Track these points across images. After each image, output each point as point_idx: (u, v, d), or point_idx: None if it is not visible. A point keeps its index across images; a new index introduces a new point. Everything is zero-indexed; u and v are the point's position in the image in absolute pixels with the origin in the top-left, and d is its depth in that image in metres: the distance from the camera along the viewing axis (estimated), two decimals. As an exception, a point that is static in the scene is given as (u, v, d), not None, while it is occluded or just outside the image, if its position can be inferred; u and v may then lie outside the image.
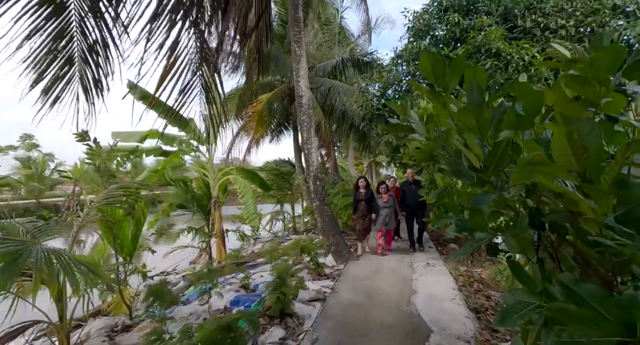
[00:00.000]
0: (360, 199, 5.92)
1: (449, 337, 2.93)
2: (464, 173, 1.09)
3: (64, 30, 2.62)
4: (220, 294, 3.47)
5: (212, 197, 6.37)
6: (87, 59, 2.72)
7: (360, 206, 5.94)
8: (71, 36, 2.63)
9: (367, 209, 5.89)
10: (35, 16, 2.42)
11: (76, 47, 2.73)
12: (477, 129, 0.97)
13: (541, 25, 5.07)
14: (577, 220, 1.07)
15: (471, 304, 3.82)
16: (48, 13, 2.48)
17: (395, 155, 7.90)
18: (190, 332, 2.52)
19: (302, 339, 2.91)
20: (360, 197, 5.93)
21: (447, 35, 6.23)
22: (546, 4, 5.09)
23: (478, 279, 4.88)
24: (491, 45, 4.73)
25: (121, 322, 3.32)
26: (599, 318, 0.87)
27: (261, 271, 5.11)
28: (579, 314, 0.90)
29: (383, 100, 7.76)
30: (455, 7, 6.20)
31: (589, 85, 0.94)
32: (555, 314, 0.97)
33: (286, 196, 9.31)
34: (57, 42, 2.63)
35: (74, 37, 2.71)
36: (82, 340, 2.88)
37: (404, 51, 7.38)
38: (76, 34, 2.70)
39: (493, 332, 3.19)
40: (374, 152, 11.88)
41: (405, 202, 6.15)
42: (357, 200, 5.98)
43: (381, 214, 5.91)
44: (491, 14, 5.83)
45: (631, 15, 4.97)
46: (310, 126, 6.22)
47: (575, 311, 0.91)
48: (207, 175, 6.46)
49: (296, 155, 10.52)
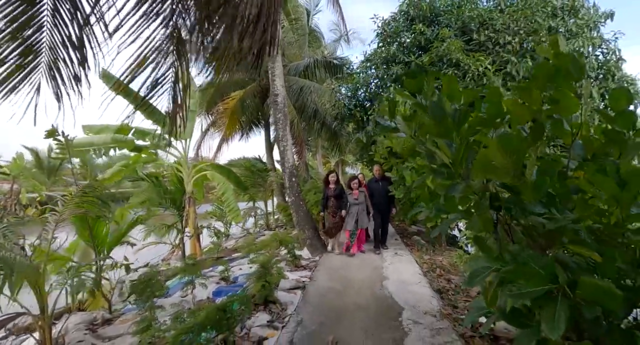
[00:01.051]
0: (330, 195, 5.63)
1: (418, 313, 3.32)
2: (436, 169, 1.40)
3: (33, 18, 2.52)
4: (205, 284, 3.55)
5: (186, 193, 6.28)
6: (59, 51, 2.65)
7: (330, 203, 5.65)
8: (40, 25, 2.55)
9: (337, 205, 5.61)
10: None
11: (45, 37, 2.64)
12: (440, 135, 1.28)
13: (492, 39, 5.77)
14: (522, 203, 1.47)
15: (435, 286, 4.28)
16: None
17: (364, 154, 8.33)
18: (182, 318, 2.63)
19: (288, 320, 3.12)
20: (330, 193, 5.64)
21: (413, 43, 6.77)
22: (496, 21, 5.81)
23: (440, 265, 5.42)
24: (452, 55, 5.31)
25: (100, 316, 3.28)
26: (536, 273, 1.23)
27: (238, 265, 5.20)
28: (523, 272, 1.27)
29: (354, 101, 8.17)
30: (421, 18, 6.77)
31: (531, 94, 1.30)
32: (508, 274, 1.35)
33: (259, 193, 9.38)
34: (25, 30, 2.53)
35: (44, 26, 2.62)
36: (63, 334, 2.82)
37: (373, 55, 7.83)
38: (47, 23, 2.62)
39: (454, 308, 3.65)
40: (343, 150, 12.31)
41: (373, 201, 5.80)
42: (327, 197, 5.68)
43: (351, 212, 5.58)
44: (451, 26, 6.46)
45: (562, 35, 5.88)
46: (286, 124, 6.41)
47: (521, 270, 1.28)
48: (181, 170, 6.35)
49: (267, 153, 10.61)
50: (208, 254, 5.64)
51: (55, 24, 2.53)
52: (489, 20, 5.95)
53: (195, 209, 6.18)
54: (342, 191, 5.69)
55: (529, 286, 1.23)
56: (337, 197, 5.61)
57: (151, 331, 2.54)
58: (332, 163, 23.05)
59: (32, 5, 2.46)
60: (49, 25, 2.49)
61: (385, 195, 5.64)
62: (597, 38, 5.68)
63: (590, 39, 5.42)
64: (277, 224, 10.04)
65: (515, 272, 1.30)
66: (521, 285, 1.27)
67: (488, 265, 1.50)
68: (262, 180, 8.96)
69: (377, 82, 7.71)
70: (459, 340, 2.71)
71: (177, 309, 2.87)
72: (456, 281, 4.72)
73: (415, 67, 5.97)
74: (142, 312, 2.86)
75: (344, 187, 5.90)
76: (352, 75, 8.53)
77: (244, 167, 9.02)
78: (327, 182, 5.75)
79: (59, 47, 2.56)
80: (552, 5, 5.99)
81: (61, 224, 3.10)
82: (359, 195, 5.67)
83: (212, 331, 2.46)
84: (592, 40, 5.42)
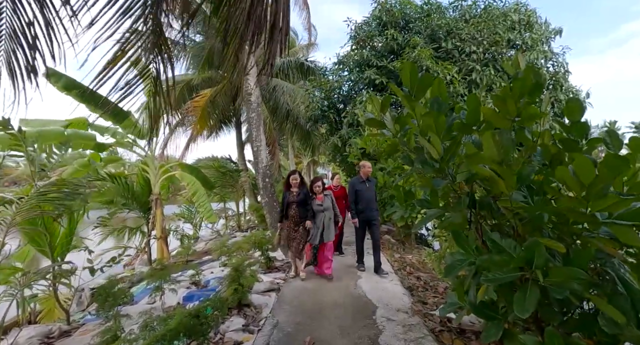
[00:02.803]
0: (292, 202, 4.38)
1: (391, 310, 3.43)
2: (427, 162, 1.48)
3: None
4: (175, 289, 3.39)
5: (152, 193, 5.94)
6: (19, 40, 2.43)
7: (291, 211, 4.37)
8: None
9: (300, 214, 4.36)
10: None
11: (4, 25, 2.42)
12: (435, 129, 1.35)
13: (459, 48, 6.12)
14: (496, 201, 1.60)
15: (406, 283, 4.44)
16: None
17: (338, 155, 8.44)
18: (152, 326, 2.49)
19: (264, 323, 3.08)
20: (290, 199, 4.40)
21: (386, 48, 6.98)
22: (462, 31, 6.17)
23: (410, 263, 5.64)
24: (422, 62, 5.56)
25: (57, 328, 3.01)
26: (510, 259, 1.34)
27: (210, 268, 5.04)
28: (499, 260, 1.38)
29: (327, 103, 8.24)
30: (393, 23, 7.00)
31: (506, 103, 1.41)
32: (483, 263, 1.45)
33: (231, 194, 9.13)
34: None
35: (2, 13, 2.40)
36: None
37: (346, 58, 7.97)
38: (6, 10, 2.40)
39: (424, 304, 3.81)
40: (316, 151, 12.37)
41: (358, 207, 4.59)
42: (287, 203, 4.42)
43: (315, 222, 4.45)
44: (421, 33, 6.75)
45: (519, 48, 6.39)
46: (260, 124, 6.32)
47: (496, 259, 1.39)
48: (148, 170, 5.98)
49: (239, 152, 10.35)
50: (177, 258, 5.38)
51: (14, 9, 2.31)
52: (456, 29, 6.30)
53: (162, 210, 5.88)
54: (307, 196, 4.48)
55: (504, 272, 1.35)
56: (300, 204, 4.37)
57: (118, 342, 2.38)
58: (304, 163, 23.03)
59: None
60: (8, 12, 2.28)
61: (373, 197, 4.67)
62: (548, 51, 6.23)
63: (542, 52, 5.93)
64: (248, 225, 9.85)
65: (491, 260, 1.42)
66: (496, 271, 1.38)
67: (464, 258, 1.62)
68: (234, 181, 8.74)
69: (351, 84, 7.85)
70: (429, 335, 2.83)
71: (145, 316, 2.71)
72: (425, 278, 4.93)
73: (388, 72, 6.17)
74: (105, 322, 2.68)
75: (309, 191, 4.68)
76: (326, 77, 8.61)
77: (213, 167, 8.73)
78: (287, 186, 4.54)
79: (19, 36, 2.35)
80: (511, 19, 6.48)
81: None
82: (323, 199, 4.52)
83: (184, 338, 2.37)
84: (544, 53, 5.94)
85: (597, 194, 1.18)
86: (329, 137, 7.94)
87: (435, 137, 1.56)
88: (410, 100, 1.68)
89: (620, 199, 1.21)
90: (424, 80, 1.68)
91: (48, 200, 2.69)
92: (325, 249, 4.52)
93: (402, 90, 1.78)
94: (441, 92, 1.74)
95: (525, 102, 1.46)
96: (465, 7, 6.87)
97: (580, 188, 1.19)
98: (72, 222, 3.24)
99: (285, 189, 4.57)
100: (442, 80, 1.70)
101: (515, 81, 1.47)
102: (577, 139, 1.64)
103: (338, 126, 7.70)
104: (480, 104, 1.62)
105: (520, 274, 1.33)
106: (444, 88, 1.64)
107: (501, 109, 1.47)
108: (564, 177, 1.23)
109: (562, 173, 1.23)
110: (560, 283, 1.24)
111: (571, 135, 1.64)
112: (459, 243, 1.66)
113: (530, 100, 1.49)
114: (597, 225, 1.34)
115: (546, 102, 1.96)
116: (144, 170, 5.97)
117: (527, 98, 1.46)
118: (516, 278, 1.33)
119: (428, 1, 7.11)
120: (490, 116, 1.51)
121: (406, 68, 1.66)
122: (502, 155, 1.33)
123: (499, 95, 1.50)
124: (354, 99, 7.14)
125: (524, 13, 6.86)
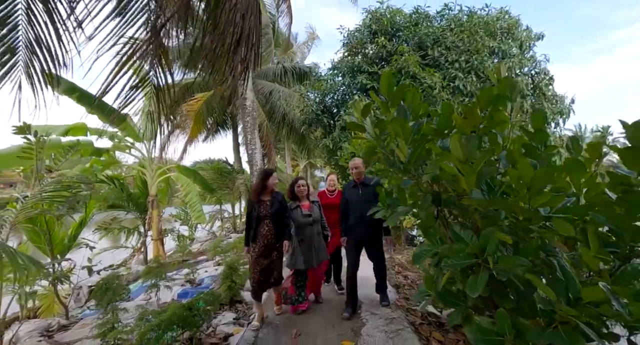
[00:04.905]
0: (262, 215, 3.08)
1: (376, 306, 3.61)
2: (395, 164, 1.69)
3: (8, 17, 2.51)
4: (169, 287, 3.56)
5: (149, 195, 6.09)
6: (34, 50, 2.63)
7: (262, 228, 3.07)
8: (15, 24, 2.53)
9: (274, 232, 3.08)
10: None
11: (21, 36, 2.62)
12: (401, 134, 1.56)
13: (444, 56, 6.38)
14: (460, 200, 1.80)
15: (393, 282, 4.62)
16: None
17: (331, 158, 8.65)
18: (147, 318, 2.66)
19: (254, 317, 3.25)
20: (261, 211, 3.08)
21: (376, 55, 7.23)
22: (447, 39, 6.43)
23: (399, 263, 5.83)
24: (409, 68, 5.79)
25: (56, 323, 3.17)
26: (467, 248, 1.55)
27: (204, 267, 5.19)
28: (457, 248, 1.59)
29: (321, 106, 8.46)
30: (382, 31, 7.25)
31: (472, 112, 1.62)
32: (444, 251, 1.66)
33: (227, 196, 9.29)
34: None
35: (19, 26, 2.60)
36: (14, 342, 2.71)
37: (340, 63, 8.21)
38: (22, 22, 2.60)
39: (407, 300, 4.00)
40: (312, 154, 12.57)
41: (349, 221, 3.31)
42: (257, 217, 3.07)
43: (304, 238, 3.26)
44: (409, 41, 7.01)
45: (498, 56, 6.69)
46: (254, 128, 6.52)
47: (455, 247, 1.59)
48: (145, 173, 6.15)
49: (235, 155, 10.54)
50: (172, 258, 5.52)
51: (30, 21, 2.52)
52: (442, 38, 6.56)
53: (159, 212, 6.03)
54: (282, 205, 3.19)
55: (462, 259, 1.55)
56: (275, 217, 3.10)
57: (115, 332, 2.54)
58: (301, 166, 23.23)
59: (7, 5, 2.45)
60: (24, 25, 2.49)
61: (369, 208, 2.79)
62: (527, 59, 6.50)
63: (520, 60, 6.21)
64: (243, 226, 10.00)
65: (450, 249, 1.63)
66: (455, 258, 1.59)
67: (429, 249, 1.84)
68: (230, 183, 8.91)
69: (344, 89, 8.09)
70: (409, 327, 3.02)
71: (141, 309, 2.88)
72: (412, 277, 5.13)
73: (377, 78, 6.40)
74: (103, 315, 2.84)
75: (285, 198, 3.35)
76: (320, 82, 8.84)
77: (212, 169, 8.91)
78: (259, 191, 3.15)
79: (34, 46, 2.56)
80: (492, 27, 6.76)
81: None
82: (310, 208, 3.38)
83: (178, 329, 2.53)
84: (522, 60, 6.22)
85: (535, 191, 1.39)
86: (322, 140, 8.15)
87: (402, 141, 1.77)
88: (386, 107, 1.89)
89: (553, 196, 1.42)
90: (399, 89, 1.89)
91: (52, 198, 2.85)
92: (319, 272, 3.51)
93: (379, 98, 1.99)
94: (414, 101, 1.94)
95: (490, 111, 1.67)
96: (452, 16, 7.14)
97: (524, 187, 1.40)
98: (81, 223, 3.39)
99: (253, 196, 3.15)
100: (416, 91, 1.90)
101: (481, 92, 1.69)
102: (537, 145, 1.87)
103: (331, 129, 7.91)
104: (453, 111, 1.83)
105: (474, 261, 1.54)
106: (417, 97, 1.85)
107: (468, 116, 1.68)
108: (512, 177, 1.44)
109: (512, 174, 1.44)
110: (506, 269, 1.44)
111: (533, 142, 1.88)
112: (426, 236, 1.86)
113: (494, 110, 1.70)
114: (539, 219, 1.55)
115: (517, 110, 2.18)
116: (142, 173, 6.14)
117: (492, 107, 1.67)
118: (470, 263, 1.54)
119: (417, 10, 7.38)
120: (459, 122, 1.72)
121: (384, 78, 1.87)
122: (466, 155, 1.54)
123: (467, 105, 1.71)
124: (347, 103, 7.36)
125: (506, 20, 7.14)
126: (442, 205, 1.99)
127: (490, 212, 1.71)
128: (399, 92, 1.90)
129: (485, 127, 1.78)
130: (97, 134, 5.58)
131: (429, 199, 1.91)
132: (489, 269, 1.50)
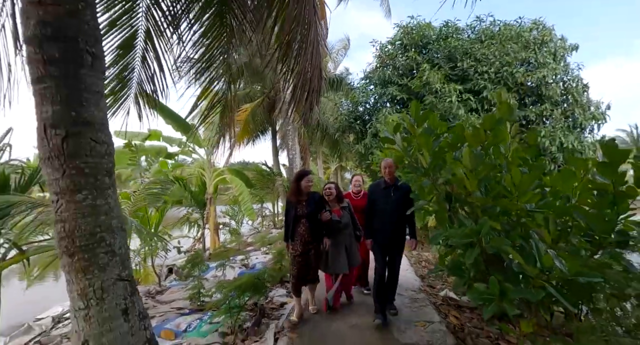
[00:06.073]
0: (301, 215, 3.23)
1: (402, 289, 4.22)
2: (418, 169, 2.38)
3: (129, 63, 3.52)
4: (233, 267, 4.45)
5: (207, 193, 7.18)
6: (142, 83, 3.64)
7: (299, 228, 3.24)
8: (132, 67, 3.54)
9: (311, 232, 3.23)
10: (114, 55, 3.31)
11: (135, 76, 3.64)
12: (426, 146, 2.25)
13: (474, 67, 6.79)
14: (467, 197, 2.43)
15: (419, 273, 5.19)
16: (120, 53, 3.36)
17: (363, 162, 9.30)
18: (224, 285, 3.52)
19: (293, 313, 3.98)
20: (300, 211, 3.24)
21: (406, 67, 7.79)
22: (477, 51, 6.83)
23: (425, 259, 6.37)
24: (431, 85, 6.31)
25: (153, 289, 4.16)
26: (468, 232, 2.18)
27: (254, 256, 6.09)
28: (460, 231, 2.22)
29: (354, 114, 9.17)
30: (413, 45, 7.80)
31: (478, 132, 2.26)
32: (450, 233, 2.30)
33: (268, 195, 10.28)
34: (122, 73, 3.54)
35: (135, 68, 3.61)
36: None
37: (372, 73, 8.87)
38: (137, 65, 3.61)
39: (432, 288, 4.57)
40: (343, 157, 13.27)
41: (374, 223, 3.22)
42: (296, 217, 3.25)
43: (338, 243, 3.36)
44: (439, 54, 7.48)
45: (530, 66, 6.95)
46: (295, 135, 7.37)
47: (459, 230, 2.23)
48: (204, 174, 7.26)
49: (274, 158, 11.53)
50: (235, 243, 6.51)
51: (143, 61, 3.51)
52: (471, 50, 6.98)
53: (215, 207, 7.07)
54: (319, 204, 3.34)
55: (462, 238, 2.20)
56: (311, 217, 3.25)
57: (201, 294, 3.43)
58: (332, 168, 23.99)
59: (128, 52, 3.46)
60: (138, 65, 3.49)
61: (398, 212, 3.04)
62: (560, 68, 6.71)
63: (553, 70, 6.45)
64: (282, 224, 10.94)
65: (455, 232, 2.27)
66: (458, 240, 2.24)
67: (441, 233, 2.50)
68: (270, 184, 9.86)
69: (376, 97, 8.72)
70: (431, 306, 3.61)
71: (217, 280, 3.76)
72: (437, 271, 5.65)
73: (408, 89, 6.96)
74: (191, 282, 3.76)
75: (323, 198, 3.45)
76: (353, 91, 9.53)
77: (255, 171, 9.95)
78: (296, 192, 3.31)
79: (142, 83, 3.56)
80: (525, 39, 7.04)
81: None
82: (342, 213, 3.43)
83: (248, 294, 3.35)
84: (554, 70, 6.46)
85: (522, 192, 2.01)
86: (355, 145, 8.82)
87: (426, 152, 2.44)
88: (413, 127, 2.56)
89: (533, 195, 2.04)
90: (424, 114, 2.56)
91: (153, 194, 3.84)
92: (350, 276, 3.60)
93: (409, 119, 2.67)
94: (434, 123, 2.60)
95: (494, 131, 2.30)
96: (482, 28, 7.50)
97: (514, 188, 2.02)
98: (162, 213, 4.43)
99: (292, 196, 3.34)
100: (435, 115, 2.56)
101: (485, 117, 2.32)
102: (530, 157, 2.48)
103: (363, 136, 8.57)
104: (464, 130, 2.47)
105: (471, 240, 2.17)
106: (436, 119, 2.50)
107: (475, 134, 2.32)
108: (507, 181, 2.07)
109: (507, 179, 2.07)
110: (494, 246, 2.06)
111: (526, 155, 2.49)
112: (439, 223, 2.51)
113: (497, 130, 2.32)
114: (524, 212, 2.15)
115: (515, 131, 2.76)
116: (202, 175, 7.25)
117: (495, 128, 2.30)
118: (469, 242, 2.17)
119: (446, 24, 7.82)
120: (469, 138, 2.37)
121: (413, 105, 2.56)
122: (473, 165, 2.18)
123: (475, 127, 2.35)
124: (378, 111, 7.99)
125: (540, 31, 7.36)
126: (452, 202, 2.62)
127: (488, 207, 2.33)
128: (424, 116, 2.57)
129: (488, 143, 2.41)
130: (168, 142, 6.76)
131: (443, 196, 2.56)
132: (481, 247, 2.13)
